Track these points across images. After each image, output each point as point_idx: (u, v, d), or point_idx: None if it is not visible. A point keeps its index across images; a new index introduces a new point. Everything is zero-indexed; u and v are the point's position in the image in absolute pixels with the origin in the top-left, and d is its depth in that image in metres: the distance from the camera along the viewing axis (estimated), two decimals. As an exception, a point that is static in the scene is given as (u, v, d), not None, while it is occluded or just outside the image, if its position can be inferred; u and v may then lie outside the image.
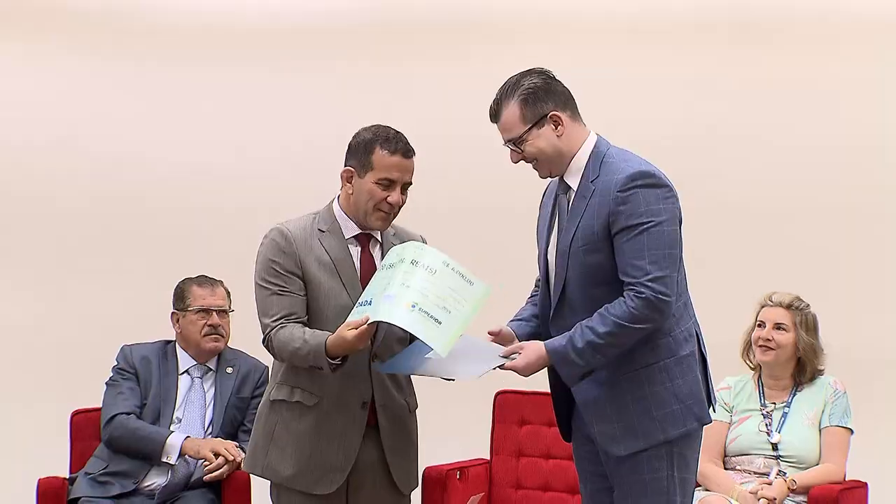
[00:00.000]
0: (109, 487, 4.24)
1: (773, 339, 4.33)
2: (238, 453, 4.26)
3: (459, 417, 4.89)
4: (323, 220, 3.46)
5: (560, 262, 3.21)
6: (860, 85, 5.50)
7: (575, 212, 3.20)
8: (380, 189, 3.38)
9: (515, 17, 5.76)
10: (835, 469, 4.23)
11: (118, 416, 4.31)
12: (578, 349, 3.11)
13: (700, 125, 5.60)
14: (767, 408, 4.34)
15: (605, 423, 3.19)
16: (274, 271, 3.40)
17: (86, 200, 5.82)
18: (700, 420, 3.24)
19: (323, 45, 5.86)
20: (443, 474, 4.50)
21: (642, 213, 3.12)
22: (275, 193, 5.39)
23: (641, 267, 3.10)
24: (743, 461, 4.30)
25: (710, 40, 5.63)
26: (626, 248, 3.11)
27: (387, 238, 3.49)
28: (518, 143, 3.22)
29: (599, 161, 3.21)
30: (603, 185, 3.16)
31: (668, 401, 3.17)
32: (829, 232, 5.50)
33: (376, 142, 3.39)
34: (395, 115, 5.13)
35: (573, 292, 3.19)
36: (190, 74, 5.90)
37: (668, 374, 3.18)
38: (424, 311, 3.18)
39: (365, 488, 3.43)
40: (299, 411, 3.40)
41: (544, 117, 3.21)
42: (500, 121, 3.24)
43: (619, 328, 3.10)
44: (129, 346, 4.49)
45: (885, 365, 5.37)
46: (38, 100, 5.92)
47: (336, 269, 3.40)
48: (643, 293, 3.09)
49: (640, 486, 3.19)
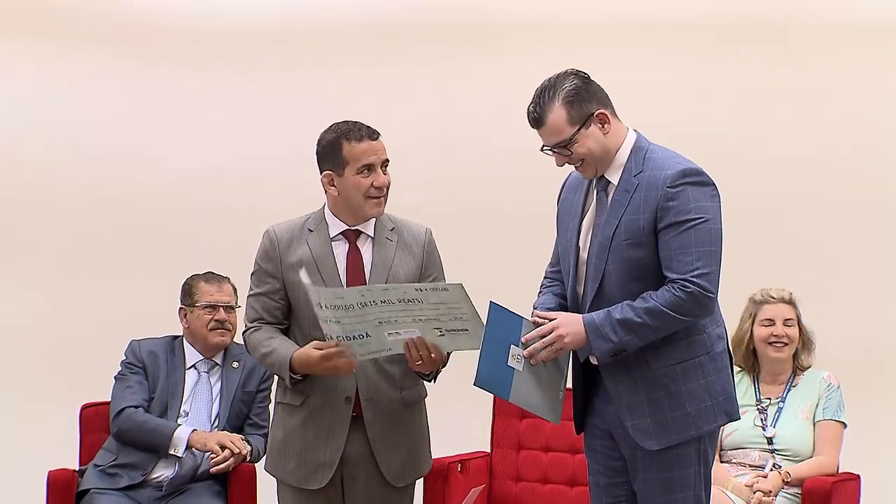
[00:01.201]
0: (118, 479, 4.27)
1: (787, 335, 4.38)
2: (244, 446, 4.31)
3: (460, 411, 4.86)
4: (313, 221, 3.49)
5: (600, 255, 3.16)
6: (854, 86, 5.49)
7: (617, 205, 3.16)
8: (363, 178, 3.39)
9: (515, 19, 5.74)
10: (828, 462, 4.25)
11: (126, 409, 4.34)
12: (614, 322, 3.07)
13: (696, 126, 5.59)
14: (763, 403, 4.37)
15: (639, 417, 3.16)
16: (256, 274, 3.49)
17: (94, 201, 5.82)
18: (730, 416, 3.24)
19: (326, 47, 5.83)
20: (444, 466, 4.52)
21: (691, 210, 3.10)
22: (278, 193, 5.36)
23: (688, 262, 3.08)
24: (738, 454, 4.32)
25: (707, 43, 5.60)
26: (673, 244, 3.10)
27: (382, 231, 3.48)
28: (566, 146, 3.16)
29: (642, 156, 3.19)
30: (650, 179, 3.14)
31: (702, 397, 3.17)
32: (823, 230, 5.48)
33: (341, 138, 3.40)
34: (396, 116, 5.21)
35: (612, 286, 3.15)
36: (194, 75, 5.88)
37: (703, 370, 3.17)
38: (450, 329, 3.22)
39: (358, 481, 3.44)
40: (290, 410, 3.46)
41: (590, 117, 3.16)
42: (544, 125, 3.16)
43: (661, 313, 3.07)
44: (137, 341, 4.52)
45: (878, 360, 5.38)
46: (40, 100, 5.90)
47: (317, 267, 3.41)
48: (689, 287, 3.07)
49: (668, 483, 3.18)
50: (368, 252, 3.46)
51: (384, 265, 3.45)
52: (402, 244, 3.49)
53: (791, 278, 4.95)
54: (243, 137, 5.85)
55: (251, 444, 4.37)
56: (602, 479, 3.32)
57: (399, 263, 3.46)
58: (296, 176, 4.33)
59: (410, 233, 3.52)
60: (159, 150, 5.86)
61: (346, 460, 3.43)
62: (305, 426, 3.43)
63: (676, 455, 3.18)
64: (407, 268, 3.47)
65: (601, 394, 3.27)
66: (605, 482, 3.31)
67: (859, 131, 5.54)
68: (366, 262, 3.45)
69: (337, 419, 3.41)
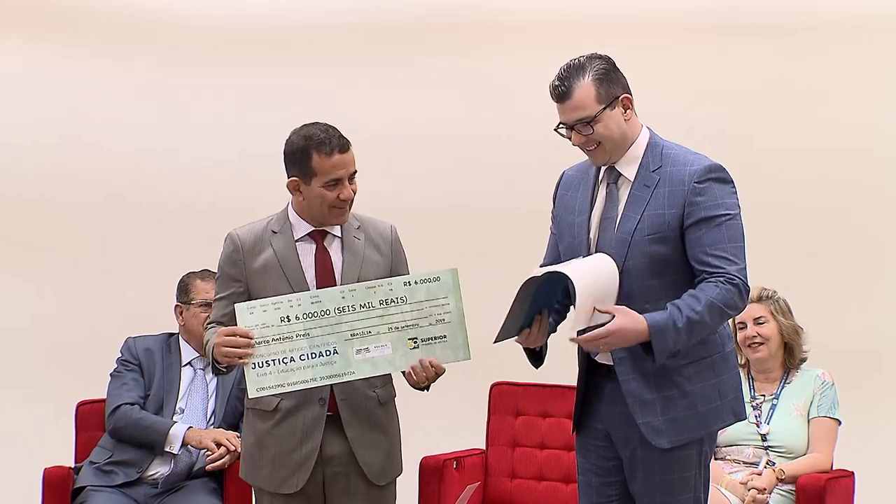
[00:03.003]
0: (114, 476, 4.28)
1: (759, 335, 4.37)
2: (239, 443, 4.25)
3: (456, 408, 4.88)
4: (276, 222, 3.45)
5: (619, 250, 3.12)
6: (848, 84, 5.50)
7: (637, 200, 3.15)
8: (328, 191, 3.33)
9: (519, 16, 5.74)
10: (822, 459, 4.26)
11: (122, 406, 4.34)
12: (678, 326, 3.02)
13: (689, 124, 5.61)
14: (757, 399, 4.37)
15: (651, 416, 3.13)
16: (221, 279, 3.47)
17: (90, 199, 5.82)
18: (738, 416, 3.24)
19: (329, 44, 5.83)
20: (439, 464, 4.53)
21: (720, 206, 3.10)
22: (276, 191, 5.26)
23: (727, 257, 3.07)
24: (733, 451, 4.33)
25: (702, 41, 5.62)
26: (706, 239, 3.08)
27: (349, 231, 3.42)
28: (590, 123, 3.12)
29: (659, 152, 3.18)
30: (673, 174, 3.13)
31: (713, 396, 3.16)
32: (816, 227, 5.50)
33: (311, 148, 3.32)
34: (399, 114, 5.22)
35: (631, 281, 3.12)
36: (196, 73, 5.88)
37: (715, 370, 3.17)
38: (426, 339, 3.22)
39: (340, 481, 3.41)
40: (262, 415, 3.43)
41: (616, 99, 3.15)
42: (570, 99, 3.12)
43: (716, 308, 3.05)
44: (132, 338, 4.52)
45: (872, 357, 5.39)
46: (36, 98, 5.90)
47: (282, 269, 3.38)
48: (735, 280, 3.06)
49: (669, 485, 3.17)
50: (337, 253, 3.41)
51: (355, 265, 3.40)
52: (369, 242, 3.44)
53: (785, 274, 4.97)
54: (241, 135, 5.84)
55: (247, 442, 4.37)
56: (595, 479, 3.31)
57: (369, 262, 3.42)
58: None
59: (377, 230, 3.48)
60: (156, 147, 5.87)
61: (326, 460, 3.40)
62: (278, 430, 3.39)
63: (679, 457, 3.17)
64: (377, 267, 3.42)
65: (604, 395, 3.24)
66: (597, 482, 3.30)
67: (853, 128, 5.55)
68: (335, 263, 3.40)
69: (311, 421, 3.37)
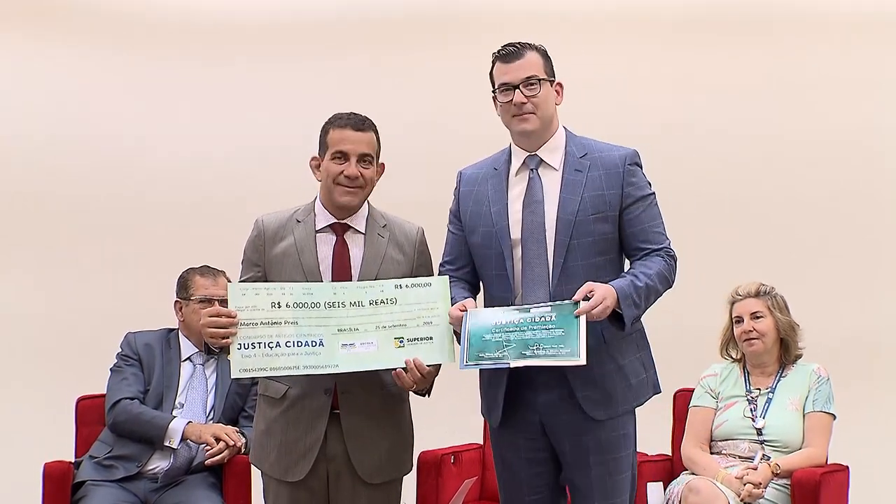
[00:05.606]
0: (113, 471, 4.28)
1: (755, 329, 4.40)
2: (238, 438, 4.32)
3: (453, 403, 4.88)
4: (303, 212, 3.47)
5: (562, 231, 3.27)
6: (842, 79, 5.54)
7: (572, 184, 3.30)
8: (335, 164, 3.38)
9: (510, 11, 5.78)
10: (817, 453, 4.27)
11: (122, 401, 4.36)
12: (639, 288, 3.21)
13: (682, 119, 5.64)
14: (753, 394, 4.39)
15: (590, 389, 3.28)
16: (244, 262, 3.50)
17: (90, 194, 5.84)
18: (656, 389, 3.42)
19: (322, 40, 5.86)
20: (437, 458, 4.55)
21: (647, 186, 3.36)
22: (275, 186, 5.27)
23: (662, 233, 3.34)
24: (728, 445, 4.34)
25: (694, 36, 5.65)
26: (644, 217, 3.32)
27: (373, 228, 3.44)
28: (538, 83, 3.30)
29: (578, 142, 3.38)
30: (603, 159, 3.33)
31: (639, 370, 3.36)
32: (811, 222, 5.53)
33: (330, 124, 3.44)
34: (393, 108, 5.22)
35: (575, 260, 3.27)
36: (190, 69, 5.90)
37: (638, 344, 3.37)
38: (413, 339, 3.26)
39: (342, 476, 3.42)
40: (271, 402, 3.45)
41: (554, 80, 3.37)
42: (522, 58, 3.31)
43: (663, 278, 3.28)
44: (132, 333, 4.54)
45: (867, 352, 5.43)
46: (31, 93, 5.92)
47: (299, 258, 3.39)
48: (672, 254, 3.33)
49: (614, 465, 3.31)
50: (358, 248, 3.43)
51: (374, 262, 3.41)
52: (393, 241, 3.45)
53: (781, 268, 4.99)
54: (241, 130, 5.86)
55: (246, 437, 4.37)
56: (524, 472, 3.40)
57: (390, 261, 3.42)
58: (294, 169, 4.36)
59: (402, 231, 3.49)
60: (156, 142, 5.88)
61: (330, 457, 3.41)
62: (285, 417, 3.42)
63: (623, 436, 3.32)
64: (397, 266, 3.43)
65: (537, 383, 3.32)
66: (527, 474, 3.40)
67: (849, 123, 5.59)
68: (354, 257, 3.41)
69: (315, 410, 3.39)
